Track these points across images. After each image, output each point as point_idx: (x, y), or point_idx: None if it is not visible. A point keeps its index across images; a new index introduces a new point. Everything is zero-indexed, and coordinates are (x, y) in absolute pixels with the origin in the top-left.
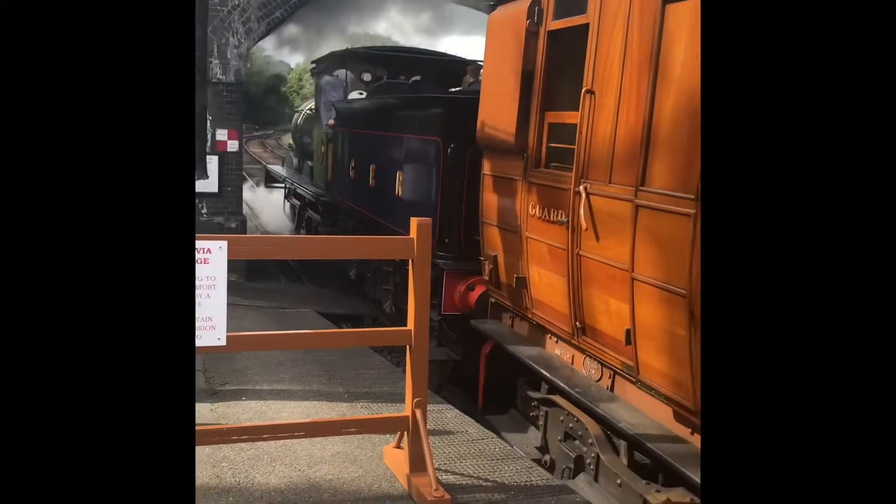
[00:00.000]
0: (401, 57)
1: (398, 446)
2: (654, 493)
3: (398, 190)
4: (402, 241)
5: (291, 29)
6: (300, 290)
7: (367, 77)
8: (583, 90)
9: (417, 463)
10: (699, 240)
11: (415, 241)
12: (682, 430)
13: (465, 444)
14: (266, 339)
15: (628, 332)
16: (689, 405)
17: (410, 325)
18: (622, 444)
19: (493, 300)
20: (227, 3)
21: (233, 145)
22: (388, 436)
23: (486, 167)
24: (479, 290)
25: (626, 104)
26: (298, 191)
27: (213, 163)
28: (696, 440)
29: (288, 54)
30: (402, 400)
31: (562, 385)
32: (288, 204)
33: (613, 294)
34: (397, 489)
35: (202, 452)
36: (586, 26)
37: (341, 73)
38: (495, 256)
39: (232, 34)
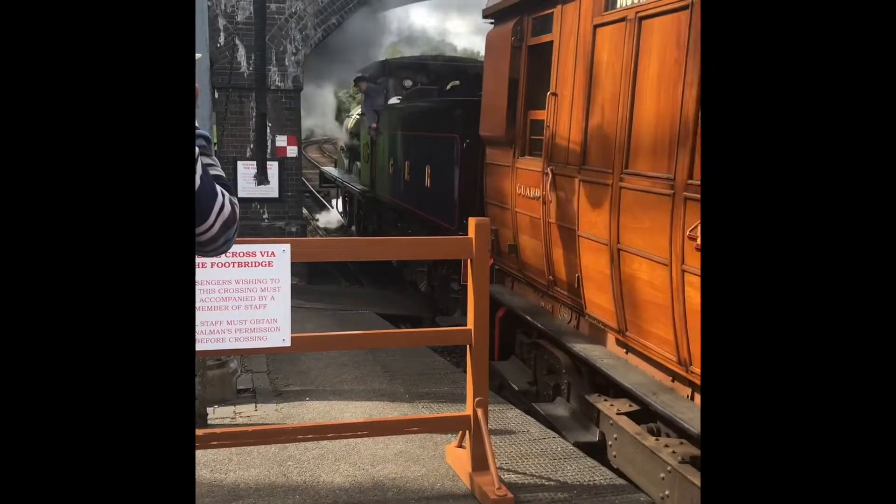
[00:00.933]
0: (437, 64)
1: (460, 445)
2: (602, 401)
3: (427, 182)
4: (461, 241)
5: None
6: (359, 291)
7: (408, 83)
8: (548, 93)
9: (480, 462)
10: (618, 202)
11: (473, 240)
12: (619, 351)
13: (526, 443)
14: (328, 339)
15: (578, 277)
16: (615, 326)
17: (470, 324)
18: (584, 370)
19: (496, 267)
20: (284, 11)
21: (292, 151)
22: (449, 435)
23: (488, 157)
24: (490, 262)
25: (576, 103)
26: (349, 189)
27: (273, 168)
28: (630, 358)
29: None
30: (462, 400)
31: (541, 327)
32: (341, 201)
33: (569, 250)
34: (460, 488)
35: (269, 451)
36: (552, 42)
37: (384, 80)
38: (496, 230)
39: (289, 42)
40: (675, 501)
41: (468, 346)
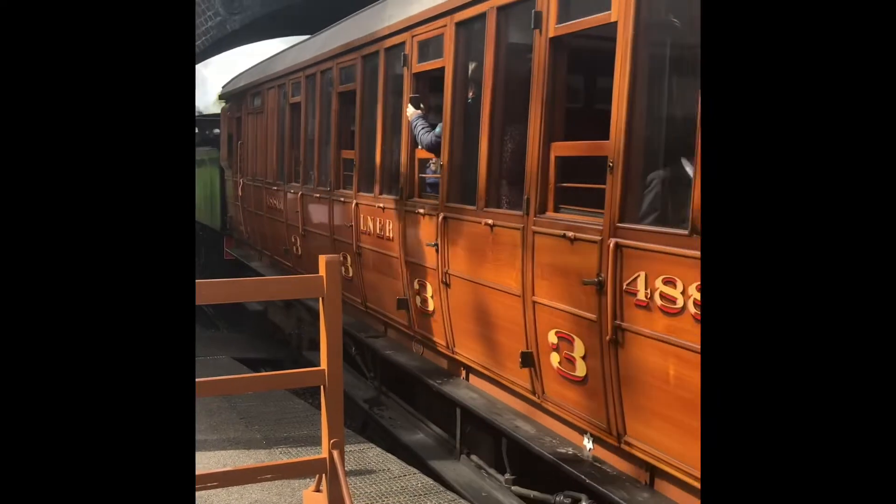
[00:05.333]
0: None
1: (317, 489)
2: (302, 311)
3: (211, 200)
4: (311, 279)
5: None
6: (215, 336)
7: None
8: (239, 142)
9: None
10: (259, 197)
11: (324, 278)
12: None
13: (386, 481)
14: None
15: (258, 234)
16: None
17: (323, 364)
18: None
19: (235, 236)
20: None
21: None
22: (308, 479)
23: (226, 176)
24: (232, 243)
25: (245, 147)
26: None
27: None
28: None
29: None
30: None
31: (256, 268)
32: None
33: (256, 222)
34: None
35: None
36: (240, 117)
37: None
38: (232, 216)
39: None
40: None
41: (322, 387)
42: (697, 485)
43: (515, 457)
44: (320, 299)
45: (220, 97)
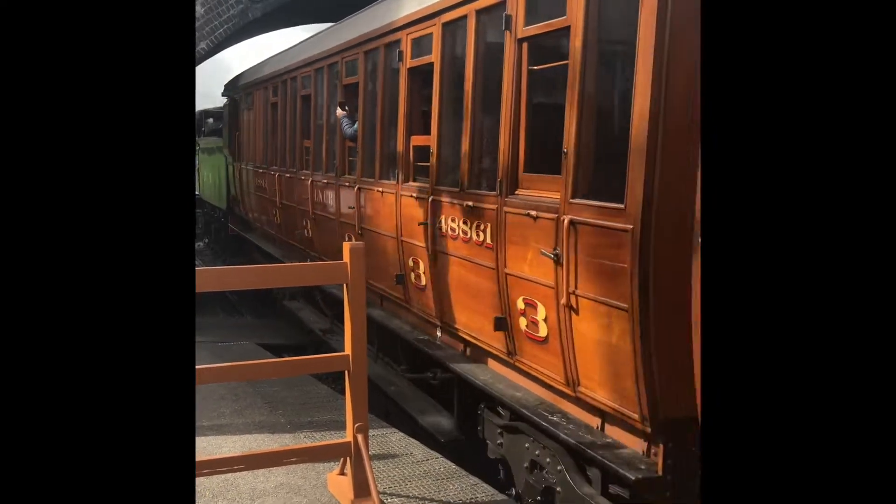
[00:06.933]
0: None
1: (342, 473)
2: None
3: (218, 182)
4: (336, 266)
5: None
6: (239, 322)
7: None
8: (236, 133)
9: (361, 488)
10: (254, 178)
11: (348, 265)
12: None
13: (409, 465)
14: (199, 373)
15: (246, 205)
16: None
17: (348, 349)
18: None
19: (236, 213)
20: None
21: None
22: (332, 463)
23: (230, 161)
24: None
25: (244, 137)
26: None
27: None
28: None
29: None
30: (345, 426)
31: (252, 240)
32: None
33: (247, 199)
34: None
35: None
36: (240, 113)
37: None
38: (234, 195)
39: None
40: None
41: (346, 372)
42: (493, 351)
43: (408, 352)
44: (344, 286)
45: (223, 94)
